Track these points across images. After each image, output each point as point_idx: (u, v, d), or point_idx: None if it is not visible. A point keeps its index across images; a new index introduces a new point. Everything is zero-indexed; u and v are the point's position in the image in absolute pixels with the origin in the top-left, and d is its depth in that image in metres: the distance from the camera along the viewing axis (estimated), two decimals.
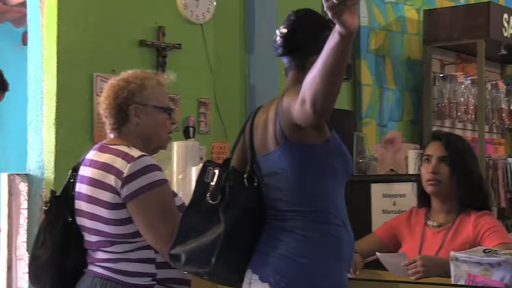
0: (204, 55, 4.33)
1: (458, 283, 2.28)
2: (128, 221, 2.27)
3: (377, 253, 2.66)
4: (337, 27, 1.82)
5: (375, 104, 5.03)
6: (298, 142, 2.11)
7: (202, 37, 4.31)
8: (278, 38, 2.28)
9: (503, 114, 5.55)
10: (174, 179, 3.36)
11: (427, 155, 2.90)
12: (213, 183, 2.20)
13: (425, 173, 2.88)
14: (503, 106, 5.54)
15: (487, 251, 2.31)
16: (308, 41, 2.25)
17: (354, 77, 4.86)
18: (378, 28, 5.10)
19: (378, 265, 2.78)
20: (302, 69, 2.24)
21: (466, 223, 2.80)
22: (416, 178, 3.01)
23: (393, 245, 2.92)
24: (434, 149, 2.90)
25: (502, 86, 5.56)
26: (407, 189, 3.54)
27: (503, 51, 5.23)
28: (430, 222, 2.88)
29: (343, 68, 1.89)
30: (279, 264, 2.12)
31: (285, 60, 2.30)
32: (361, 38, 4.92)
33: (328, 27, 2.26)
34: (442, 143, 2.88)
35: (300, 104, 1.97)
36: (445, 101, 5.18)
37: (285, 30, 2.27)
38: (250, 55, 4.51)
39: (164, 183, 2.30)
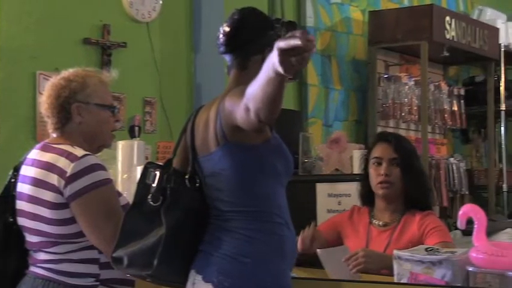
0: (150, 54, 4.30)
1: (401, 281, 2.32)
2: (71, 221, 2.24)
3: (317, 250, 2.68)
4: (276, 68, 1.78)
5: (321, 104, 5.06)
6: (238, 143, 2.11)
7: (148, 36, 4.28)
8: (221, 36, 2.27)
9: (446, 115, 5.64)
10: (119, 179, 3.33)
11: (377, 157, 2.92)
12: (154, 185, 2.18)
13: (376, 176, 2.89)
14: (445, 107, 5.63)
15: (429, 249, 2.35)
16: (251, 41, 2.25)
17: (300, 77, 4.88)
18: (324, 29, 5.13)
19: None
20: (244, 68, 2.25)
21: (411, 222, 2.85)
22: (362, 177, 3.03)
23: (335, 242, 2.94)
24: (383, 151, 2.92)
25: (444, 87, 5.65)
26: (352, 188, 3.57)
27: (446, 53, 5.31)
28: (375, 221, 2.92)
29: (282, 92, 1.88)
30: (222, 264, 2.12)
31: (227, 58, 2.29)
32: None
33: (271, 27, 2.28)
34: (391, 145, 2.91)
35: (244, 110, 1.97)
36: (389, 101, 5.24)
37: (227, 29, 2.26)
38: (197, 54, 4.50)
39: (108, 182, 2.28)
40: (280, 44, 1.75)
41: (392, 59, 5.50)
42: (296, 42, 1.72)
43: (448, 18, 5.29)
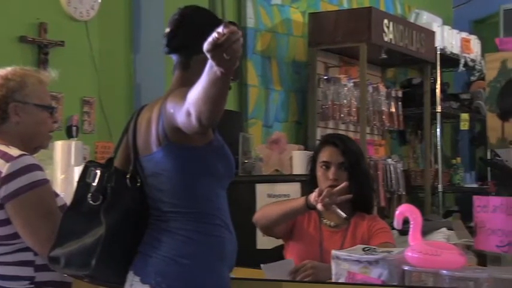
0: (88, 53, 4.24)
1: (339, 281, 2.34)
2: (5, 222, 2.20)
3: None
4: (214, 68, 1.81)
5: (261, 105, 5.08)
6: (180, 144, 2.11)
7: (86, 35, 4.23)
8: (165, 36, 2.27)
9: (384, 116, 5.72)
10: (56, 179, 3.28)
11: (325, 161, 2.93)
12: (94, 184, 2.16)
13: (325, 180, 2.90)
14: (383, 108, 5.71)
15: (366, 249, 2.38)
16: (192, 40, 2.22)
17: (240, 78, 4.89)
18: (264, 30, 5.15)
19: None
20: (187, 68, 2.25)
21: (360, 225, 2.89)
22: (308, 179, 3.02)
23: (283, 234, 2.95)
24: (331, 156, 2.93)
25: (382, 89, 5.73)
26: (292, 189, 3.60)
27: (384, 55, 5.39)
28: (326, 221, 2.93)
29: (226, 94, 1.90)
30: (161, 265, 2.11)
31: (173, 58, 2.29)
32: (247, 39, 4.96)
33: (214, 24, 2.27)
34: (338, 148, 2.93)
35: (185, 114, 1.97)
36: (329, 102, 5.29)
37: (168, 29, 2.26)
38: (136, 54, 4.46)
39: (45, 183, 2.25)
40: (206, 43, 1.77)
41: (332, 60, 5.55)
42: (217, 35, 1.74)
43: (386, 21, 5.36)
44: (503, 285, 2.12)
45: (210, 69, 1.83)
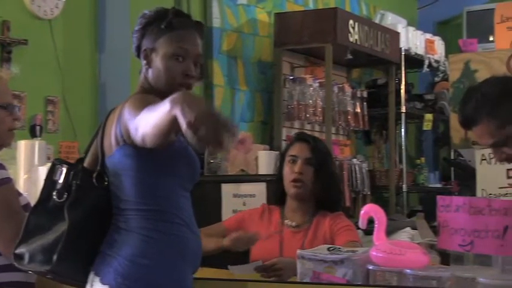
0: (53, 52, 4.20)
1: (304, 280, 2.35)
2: None
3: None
4: (175, 109, 1.78)
5: (227, 105, 5.07)
6: (136, 144, 2.09)
7: (50, 33, 4.18)
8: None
9: (349, 117, 5.75)
10: (20, 179, 3.25)
11: (293, 155, 2.95)
12: (60, 181, 2.15)
13: (290, 173, 2.92)
14: (349, 109, 5.74)
15: (331, 248, 2.39)
16: (137, 43, 2.25)
17: (206, 78, 4.88)
18: (230, 30, 5.15)
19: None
20: (143, 69, 2.25)
21: (322, 224, 2.90)
22: (277, 177, 3.04)
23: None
24: (300, 150, 2.95)
25: (348, 89, 5.76)
26: (257, 189, 3.61)
27: (349, 56, 5.42)
28: (287, 222, 2.94)
29: (174, 129, 1.88)
30: (120, 266, 2.10)
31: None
32: (213, 39, 4.95)
33: (151, 22, 2.28)
34: (308, 145, 2.94)
35: (134, 127, 1.99)
36: (295, 102, 5.31)
37: (134, 30, 2.26)
38: (101, 53, 4.43)
39: (8, 182, 2.24)
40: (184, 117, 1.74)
41: (298, 60, 5.57)
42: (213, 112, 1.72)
43: (351, 21, 5.39)
44: (465, 283, 2.14)
45: (172, 107, 1.81)
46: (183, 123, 1.75)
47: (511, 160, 2.56)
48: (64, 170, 2.16)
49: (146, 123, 1.92)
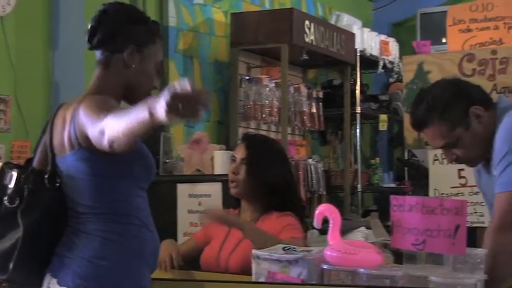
0: (5, 49, 4.13)
1: (259, 280, 2.35)
2: None
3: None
4: (153, 109, 1.73)
5: None
6: (92, 149, 2.06)
7: (2, 30, 4.11)
8: (87, 31, 2.22)
9: (305, 117, 5.77)
10: None
11: (233, 156, 3.00)
12: (11, 186, 2.11)
13: (229, 174, 2.97)
14: (304, 109, 5.76)
15: (286, 248, 2.40)
16: (113, 38, 2.20)
17: (161, 77, 4.85)
18: (186, 29, 5.13)
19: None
20: (107, 67, 2.21)
21: (267, 222, 2.91)
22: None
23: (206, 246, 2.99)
24: (238, 151, 3.01)
25: (303, 90, 5.78)
26: (213, 189, 3.61)
27: (305, 56, 5.44)
28: None
29: (146, 133, 1.86)
30: (79, 267, 2.08)
31: (96, 53, 2.24)
32: (169, 38, 4.93)
33: (136, 21, 2.24)
34: (244, 144, 2.98)
35: (98, 131, 1.93)
36: (251, 102, 5.30)
37: (89, 25, 2.21)
38: (54, 51, 4.37)
39: None
40: (174, 88, 1.70)
41: (254, 61, 5.57)
42: (188, 88, 1.69)
43: (307, 22, 5.42)
44: (418, 282, 2.17)
45: (147, 107, 1.76)
46: (161, 109, 1.70)
47: (462, 161, 2.60)
48: (14, 174, 2.12)
49: (117, 128, 1.86)
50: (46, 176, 2.14)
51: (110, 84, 2.20)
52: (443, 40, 4.12)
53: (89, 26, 2.22)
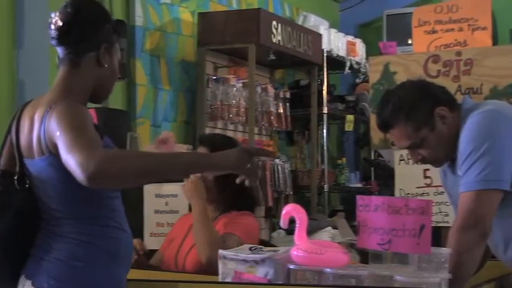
0: None
1: (226, 280, 2.35)
2: None
3: None
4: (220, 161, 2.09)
5: (149, 104, 5.03)
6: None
7: None
8: (53, 28, 2.16)
9: (272, 117, 5.78)
10: None
11: None
12: None
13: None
14: (271, 109, 5.77)
15: (253, 248, 2.40)
16: (85, 37, 2.16)
17: (128, 77, 4.82)
18: (153, 29, 5.10)
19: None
20: (77, 66, 2.16)
21: (224, 220, 2.96)
22: None
23: None
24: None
25: (270, 90, 5.79)
26: (180, 189, 3.58)
27: (272, 57, 5.45)
28: None
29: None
30: (54, 268, 2.06)
31: (59, 50, 2.19)
32: (136, 38, 4.90)
33: (107, 21, 2.21)
34: (205, 147, 3.00)
35: (76, 160, 1.91)
36: (218, 102, 5.30)
37: (60, 23, 2.15)
38: (19, 49, 4.32)
39: None
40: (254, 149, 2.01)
41: (221, 60, 5.56)
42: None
43: (274, 22, 5.43)
44: (383, 281, 2.19)
45: (205, 157, 2.11)
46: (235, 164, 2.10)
47: (427, 161, 2.63)
48: None
49: (142, 165, 1.95)
50: (15, 178, 2.11)
51: (79, 84, 2.16)
52: (409, 41, 4.15)
53: (59, 23, 2.15)
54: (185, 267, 2.89)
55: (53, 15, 2.18)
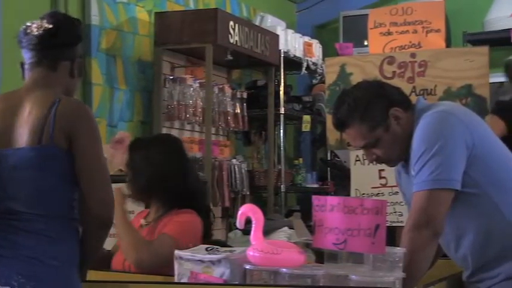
0: None
1: (182, 281, 2.34)
2: None
3: None
4: None
5: (105, 104, 4.99)
6: (65, 147, 2.14)
7: None
8: (38, 32, 2.23)
9: (229, 117, 5.78)
10: None
11: None
12: None
13: None
14: (228, 109, 5.77)
15: (209, 248, 2.40)
16: (68, 44, 2.27)
17: (84, 76, 4.77)
18: (109, 28, 5.06)
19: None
20: (54, 70, 2.24)
21: (165, 220, 2.96)
22: None
23: None
24: None
25: (228, 90, 5.79)
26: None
27: (230, 57, 5.46)
28: (142, 220, 3.07)
29: None
30: (24, 266, 2.04)
31: (29, 54, 2.24)
32: (91, 37, 4.86)
33: (81, 38, 2.35)
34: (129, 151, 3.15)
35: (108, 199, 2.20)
36: (175, 102, 5.28)
37: (49, 25, 2.22)
38: None
39: None
40: None
41: (178, 60, 5.55)
42: None
43: (232, 23, 5.43)
44: (338, 281, 2.21)
45: None
46: None
47: (382, 161, 2.66)
48: None
49: None
50: None
51: (57, 86, 2.26)
52: (366, 43, 4.19)
53: (47, 26, 2.24)
54: (131, 268, 2.88)
55: (31, 23, 2.26)
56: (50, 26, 2.23)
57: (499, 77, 5.19)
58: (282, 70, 6.26)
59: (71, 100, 2.22)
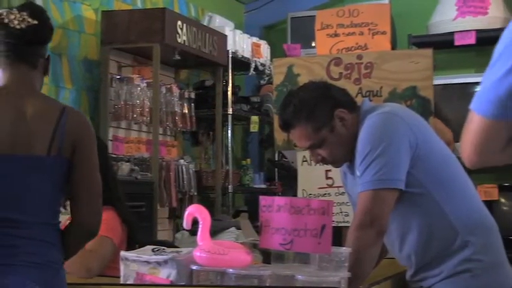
0: None
1: (127, 282, 2.33)
2: None
3: None
4: None
5: None
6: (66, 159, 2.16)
7: None
8: (20, 24, 2.16)
9: (177, 118, 5.76)
10: None
11: None
12: None
13: None
14: (176, 109, 5.74)
15: (156, 249, 2.39)
16: (47, 40, 2.26)
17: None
18: (55, 26, 4.94)
19: None
20: (34, 67, 2.20)
21: None
22: None
23: None
24: None
25: (175, 90, 5.77)
26: None
27: (177, 57, 5.43)
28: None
29: None
30: (38, 273, 2.07)
31: (6, 47, 2.18)
32: None
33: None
34: None
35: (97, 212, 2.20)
36: (122, 102, 5.24)
37: (34, 21, 2.17)
38: None
39: None
40: None
41: (125, 60, 5.50)
42: None
43: (179, 22, 5.41)
44: (285, 281, 2.22)
45: None
46: None
47: (327, 161, 2.68)
48: None
49: None
50: None
51: (38, 86, 2.24)
52: (313, 44, 4.22)
53: (31, 21, 2.17)
54: None
55: (6, 12, 2.18)
56: (35, 22, 2.16)
57: (443, 79, 5.29)
58: (230, 70, 6.26)
59: (76, 112, 2.24)
